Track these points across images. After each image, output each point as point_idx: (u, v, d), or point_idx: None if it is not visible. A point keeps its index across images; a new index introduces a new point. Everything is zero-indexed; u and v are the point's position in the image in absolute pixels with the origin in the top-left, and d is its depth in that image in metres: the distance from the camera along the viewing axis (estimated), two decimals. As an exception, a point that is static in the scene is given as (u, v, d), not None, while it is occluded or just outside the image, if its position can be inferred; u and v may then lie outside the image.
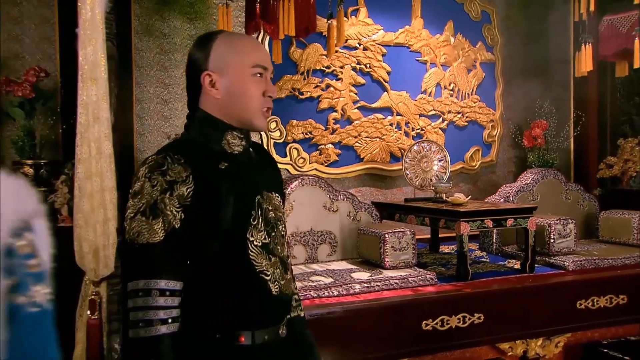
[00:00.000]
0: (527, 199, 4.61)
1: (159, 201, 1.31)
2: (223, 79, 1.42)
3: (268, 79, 1.48)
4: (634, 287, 3.77)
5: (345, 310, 3.05)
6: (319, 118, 4.77)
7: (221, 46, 1.44)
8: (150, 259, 1.31)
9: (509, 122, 5.53)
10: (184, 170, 1.34)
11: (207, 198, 1.35)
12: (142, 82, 4.28)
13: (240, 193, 1.42)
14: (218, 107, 1.44)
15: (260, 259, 1.43)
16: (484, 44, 5.40)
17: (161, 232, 1.31)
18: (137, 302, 1.30)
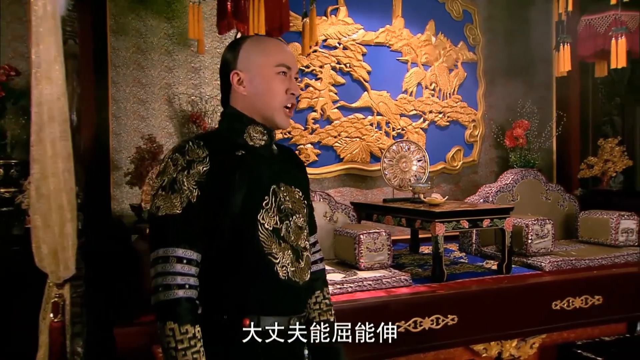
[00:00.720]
0: (506, 200, 4.60)
1: (178, 178, 1.44)
2: (249, 76, 1.55)
3: (292, 77, 1.59)
4: (610, 288, 3.76)
5: (317, 312, 3.03)
6: (298, 118, 4.74)
7: (249, 47, 1.57)
8: (169, 229, 1.42)
9: (491, 122, 5.52)
10: (202, 152, 1.46)
11: (220, 178, 1.46)
12: (119, 82, 4.24)
13: (254, 179, 1.52)
14: (245, 104, 1.56)
15: (269, 242, 1.50)
16: (465, 43, 5.38)
17: (179, 205, 1.42)
18: (157, 269, 1.41)
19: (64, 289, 2.56)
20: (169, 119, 4.38)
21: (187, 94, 4.41)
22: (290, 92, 1.58)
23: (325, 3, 4.84)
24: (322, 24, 4.81)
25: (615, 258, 4.09)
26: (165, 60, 4.35)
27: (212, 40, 4.46)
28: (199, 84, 4.47)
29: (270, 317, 1.49)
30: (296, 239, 1.57)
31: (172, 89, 4.38)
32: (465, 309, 3.35)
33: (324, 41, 4.81)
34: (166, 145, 4.31)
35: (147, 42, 4.29)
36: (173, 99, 4.37)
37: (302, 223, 1.61)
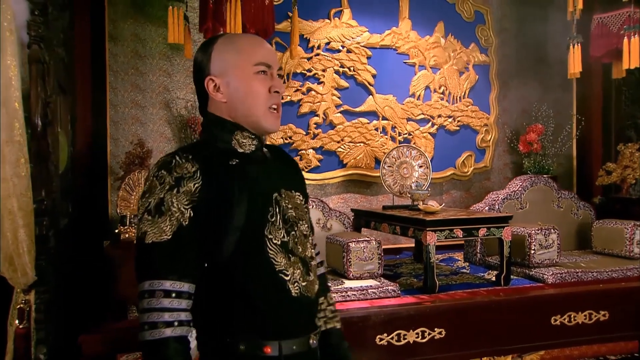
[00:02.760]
0: (514, 207, 4.40)
1: (166, 199, 1.27)
2: (226, 81, 1.37)
3: (274, 75, 1.41)
4: (618, 303, 3.52)
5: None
6: (300, 122, 4.66)
7: (221, 48, 1.39)
8: (155, 258, 1.26)
9: (505, 126, 5.31)
10: (192, 165, 1.29)
11: (217, 193, 1.30)
12: (117, 86, 4.26)
13: (254, 190, 1.36)
14: (226, 111, 1.39)
15: (279, 258, 1.35)
16: (477, 45, 5.19)
17: (169, 230, 1.26)
18: (142, 305, 1.26)
19: (29, 295, 2.54)
20: (167, 123, 4.37)
21: (186, 99, 4.40)
22: (274, 90, 1.39)
23: (329, 5, 4.75)
24: (325, 27, 4.73)
25: (627, 271, 3.84)
26: (163, 65, 4.35)
27: (212, 45, 4.44)
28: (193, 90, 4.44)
29: (290, 340, 1.35)
30: (303, 250, 1.43)
31: (171, 93, 4.38)
32: (454, 322, 3.19)
33: (327, 44, 4.73)
34: (165, 149, 4.31)
35: (146, 47, 4.30)
36: (171, 104, 4.37)
37: (306, 230, 1.46)
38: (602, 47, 4.10)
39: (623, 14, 3.89)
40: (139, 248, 1.28)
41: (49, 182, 2.63)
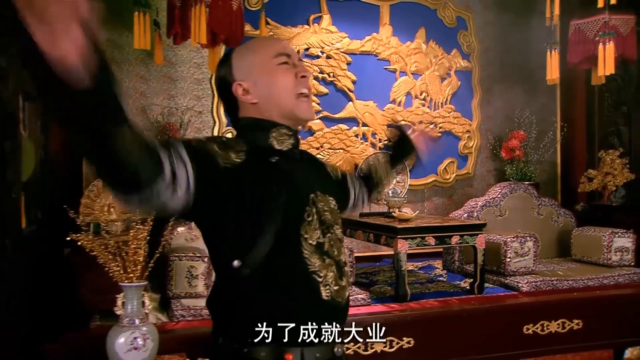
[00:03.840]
0: (493, 215, 4.36)
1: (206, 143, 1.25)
2: (253, 82, 1.38)
3: (296, 62, 1.41)
4: (592, 312, 3.48)
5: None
6: (278, 129, 4.62)
7: (239, 55, 1.42)
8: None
9: (488, 133, 5.28)
10: (240, 145, 1.29)
11: (253, 182, 1.27)
12: (92, 93, 4.22)
13: (292, 187, 1.33)
14: (259, 111, 1.38)
15: (313, 259, 1.31)
16: (459, 51, 5.17)
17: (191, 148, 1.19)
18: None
19: (-15, 304, 2.51)
20: (144, 130, 4.33)
21: (162, 105, 4.37)
22: (300, 74, 1.38)
23: (308, 11, 4.73)
24: (304, 33, 4.71)
25: (603, 279, 3.80)
26: (140, 71, 4.33)
27: (190, 51, 4.42)
28: (175, 94, 4.43)
29: (313, 347, 1.28)
30: (339, 254, 1.39)
31: (147, 99, 4.36)
32: (424, 331, 3.15)
33: (306, 50, 4.71)
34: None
35: (122, 53, 4.27)
36: (148, 110, 4.34)
37: (341, 235, 1.44)
38: (579, 53, 4.06)
39: (599, 20, 3.86)
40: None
41: (8, 189, 2.60)
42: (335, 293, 1.33)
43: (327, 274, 1.33)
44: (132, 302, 2.33)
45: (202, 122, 4.51)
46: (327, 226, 1.37)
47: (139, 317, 2.33)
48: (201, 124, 4.51)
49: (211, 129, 4.50)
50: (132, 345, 2.27)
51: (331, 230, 1.38)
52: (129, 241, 2.33)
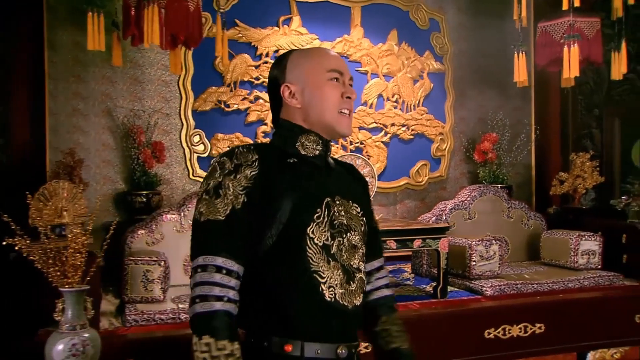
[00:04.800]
0: (462, 218, 4.34)
1: (224, 183, 1.34)
2: (301, 88, 1.45)
3: (346, 82, 1.47)
4: (555, 315, 3.45)
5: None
6: (247, 131, 4.61)
7: (296, 58, 1.48)
8: (209, 236, 1.33)
9: (461, 135, 5.26)
10: (252, 155, 1.36)
11: (267, 184, 1.35)
12: (57, 94, 4.18)
13: (305, 189, 1.40)
14: (300, 116, 1.46)
15: (317, 259, 1.37)
16: (432, 53, 5.15)
17: (223, 211, 1.32)
18: (195, 279, 1.31)
19: None
20: (110, 132, 4.30)
21: (128, 107, 4.33)
22: (346, 95, 1.44)
23: (278, 13, 4.71)
24: (274, 35, 4.68)
25: (568, 282, 3.78)
26: (106, 72, 4.28)
27: (157, 53, 4.38)
28: (142, 96, 4.39)
29: (315, 343, 1.35)
30: (348, 258, 1.43)
31: (113, 101, 4.31)
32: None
33: (275, 52, 4.67)
34: (107, 158, 4.25)
35: (88, 55, 4.21)
36: (114, 112, 4.30)
37: (357, 241, 1.47)
38: (547, 55, 4.05)
39: (564, 23, 3.85)
40: (195, 226, 1.36)
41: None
42: (341, 296, 1.38)
43: (331, 275, 1.37)
44: (72, 308, 2.28)
45: (170, 124, 4.47)
46: (338, 230, 1.42)
47: (80, 323, 2.28)
48: (169, 126, 4.47)
49: (179, 131, 4.46)
50: (70, 352, 2.21)
51: (343, 235, 1.42)
52: (68, 246, 2.28)
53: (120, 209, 4.25)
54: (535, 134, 5.22)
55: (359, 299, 1.43)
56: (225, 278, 1.30)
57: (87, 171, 4.17)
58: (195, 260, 1.32)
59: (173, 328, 2.90)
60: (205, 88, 4.49)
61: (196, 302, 1.29)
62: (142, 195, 4.11)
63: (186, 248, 3.61)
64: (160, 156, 4.23)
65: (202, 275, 1.30)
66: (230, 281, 1.30)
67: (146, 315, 2.95)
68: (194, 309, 1.29)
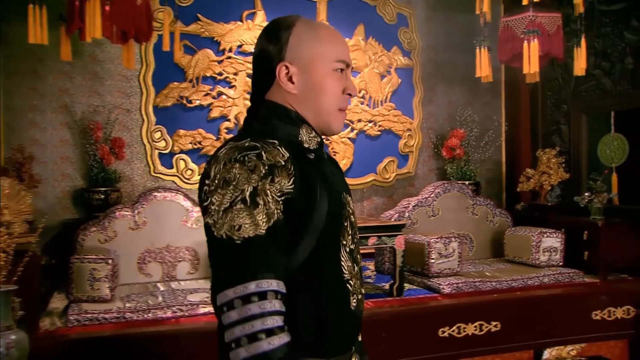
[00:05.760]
0: (425, 215, 4.31)
1: (260, 188, 1.11)
2: (302, 71, 1.27)
3: (350, 76, 1.34)
4: (511, 313, 3.43)
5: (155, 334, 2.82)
6: (210, 127, 4.54)
7: (302, 34, 1.27)
8: (259, 255, 1.10)
9: (430, 131, 5.21)
10: (282, 154, 1.15)
11: (305, 189, 1.17)
12: (12, 90, 4.10)
13: (332, 190, 1.26)
14: (293, 103, 1.28)
15: (347, 266, 1.25)
16: (399, 48, 5.10)
17: (264, 224, 1.10)
18: (249, 310, 1.07)
19: None
20: (68, 128, 4.22)
21: (87, 103, 4.26)
22: (347, 92, 1.31)
23: (241, 7, 4.64)
24: (237, 29, 4.61)
25: (528, 279, 3.76)
26: (64, 67, 4.19)
27: (117, 48, 4.28)
28: (101, 92, 4.31)
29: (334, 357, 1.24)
30: (361, 259, 1.34)
31: (72, 97, 4.23)
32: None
33: (239, 47, 4.61)
34: (66, 154, 4.17)
35: (44, 49, 4.10)
36: (72, 108, 4.22)
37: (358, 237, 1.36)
38: (509, 51, 4.01)
39: (526, 18, 3.81)
40: (231, 245, 1.10)
41: None
42: (359, 302, 1.28)
43: (355, 282, 1.27)
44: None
45: (131, 120, 4.40)
46: (354, 231, 1.31)
47: (6, 324, 2.23)
48: (130, 122, 4.40)
49: (140, 127, 4.39)
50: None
51: (356, 235, 1.32)
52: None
53: (78, 206, 4.18)
54: (505, 130, 5.17)
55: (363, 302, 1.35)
56: (282, 303, 1.11)
57: (44, 168, 4.10)
58: (244, 287, 1.08)
59: (117, 328, 2.86)
60: (167, 83, 4.42)
61: (260, 339, 1.06)
62: (100, 192, 4.04)
63: (141, 245, 3.62)
64: (119, 152, 4.16)
65: (262, 304, 1.07)
66: (283, 306, 1.11)
67: (90, 315, 2.89)
68: (260, 347, 1.06)
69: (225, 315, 1.08)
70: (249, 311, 1.07)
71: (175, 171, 4.43)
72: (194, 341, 2.83)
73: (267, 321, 1.07)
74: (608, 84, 4.54)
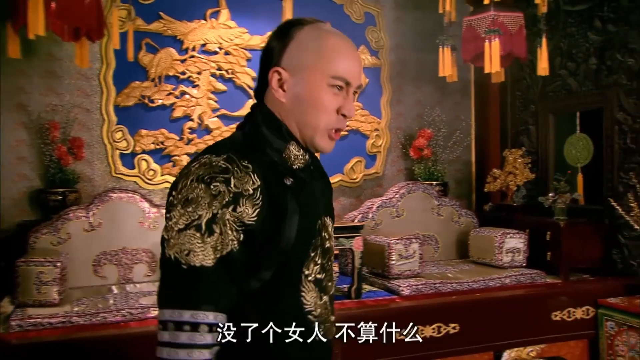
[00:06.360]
0: (389, 216, 4.27)
1: (219, 216, 1.07)
2: (294, 80, 1.19)
3: (350, 95, 1.22)
4: (469, 314, 3.40)
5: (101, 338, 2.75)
6: (173, 127, 4.47)
7: (304, 40, 1.21)
8: (202, 285, 1.07)
9: (398, 131, 5.18)
10: (252, 182, 1.10)
11: (273, 219, 1.12)
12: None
13: (303, 217, 1.18)
14: (281, 112, 1.22)
15: (310, 297, 1.20)
16: (367, 47, 5.05)
17: (216, 253, 1.07)
18: (178, 337, 1.06)
19: None
20: (24, 127, 4.13)
21: (44, 102, 4.17)
22: (342, 112, 1.21)
23: (205, 5, 4.57)
24: (201, 28, 4.55)
25: (490, 281, 3.73)
26: (19, 64, 4.08)
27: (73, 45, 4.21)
28: (59, 91, 4.22)
29: None
30: (332, 286, 1.29)
31: (28, 95, 4.14)
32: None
33: (202, 46, 4.54)
34: (21, 154, 4.08)
35: (2, 46, 4.04)
36: (30, 106, 4.13)
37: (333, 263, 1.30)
38: (472, 50, 3.98)
39: (488, 17, 3.78)
40: (177, 268, 1.06)
41: None
42: (327, 330, 1.24)
43: (321, 312, 1.22)
44: None
45: (91, 119, 4.31)
46: (327, 258, 1.25)
47: None
48: (91, 122, 4.31)
49: (100, 127, 4.31)
50: None
51: (330, 262, 1.26)
52: None
53: (35, 207, 4.09)
54: (471, 130, 5.16)
55: (334, 329, 1.30)
56: (215, 336, 1.08)
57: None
58: (179, 314, 1.06)
59: (62, 333, 2.79)
60: (128, 83, 4.34)
61: None
62: (57, 193, 3.96)
63: (96, 247, 3.54)
64: (78, 153, 4.08)
65: (192, 335, 1.06)
66: (214, 339, 1.09)
67: (33, 320, 2.81)
68: None
69: (159, 332, 1.09)
70: (178, 339, 1.06)
71: (137, 172, 4.36)
72: (141, 346, 2.76)
73: (194, 353, 1.06)
74: (573, 85, 4.52)
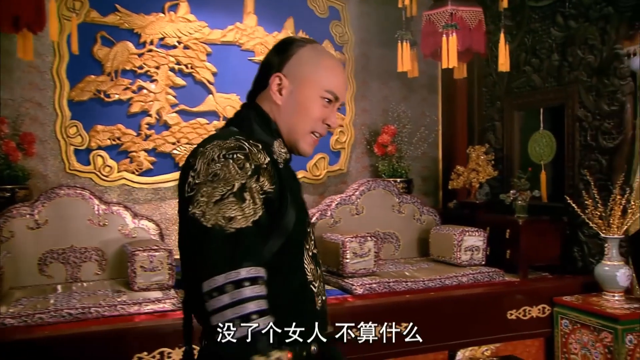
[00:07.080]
0: (349, 213, 4.21)
1: (247, 185, 1.21)
2: (292, 87, 1.39)
3: (335, 109, 1.44)
4: (422, 313, 3.34)
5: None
6: (130, 123, 4.37)
7: (305, 56, 1.42)
8: (249, 244, 1.19)
9: (363, 127, 5.11)
10: (264, 157, 1.26)
11: (281, 192, 1.28)
12: None
13: (298, 197, 1.38)
14: (274, 113, 1.41)
15: (310, 270, 1.37)
16: (331, 42, 4.98)
17: (250, 217, 1.20)
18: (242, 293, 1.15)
19: None
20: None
21: (18, 102, 4.07)
22: (327, 122, 1.43)
23: (164, -2, 4.48)
24: (159, 21, 4.45)
25: (446, 279, 3.68)
26: (-32, 58, 3.99)
27: (29, 39, 4.11)
28: (10, 85, 4.10)
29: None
30: (321, 265, 1.46)
31: (-6, 94, 4.02)
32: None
33: (160, 40, 4.44)
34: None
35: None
36: (-7, 106, 4.02)
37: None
38: (431, 45, 3.91)
39: (446, 12, 3.72)
40: (222, 234, 1.17)
41: None
42: (323, 303, 1.43)
43: (319, 284, 1.40)
44: None
45: (44, 114, 4.20)
46: (314, 237, 1.44)
47: None
48: (43, 116, 4.20)
49: (54, 122, 4.20)
50: None
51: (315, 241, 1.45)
52: None
53: (-16, 205, 3.98)
54: (436, 126, 5.10)
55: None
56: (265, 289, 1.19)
57: (-55, 164, 3.89)
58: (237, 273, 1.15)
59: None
60: (83, 77, 4.24)
61: (253, 319, 1.14)
62: (5, 190, 3.84)
63: (42, 245, 3.45)
64: (28, 148, 3.97)
65: (254, 288, 1.16)
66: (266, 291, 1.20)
67: (-33, 318, 2.73)
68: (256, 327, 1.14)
69: (215, 300, 1.14)
70: (243, 295, 1.14)
71: (92, 168, 4.26)
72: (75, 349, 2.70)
73: (260, 303, 1.16)
74: (537, 81, 4.48)
